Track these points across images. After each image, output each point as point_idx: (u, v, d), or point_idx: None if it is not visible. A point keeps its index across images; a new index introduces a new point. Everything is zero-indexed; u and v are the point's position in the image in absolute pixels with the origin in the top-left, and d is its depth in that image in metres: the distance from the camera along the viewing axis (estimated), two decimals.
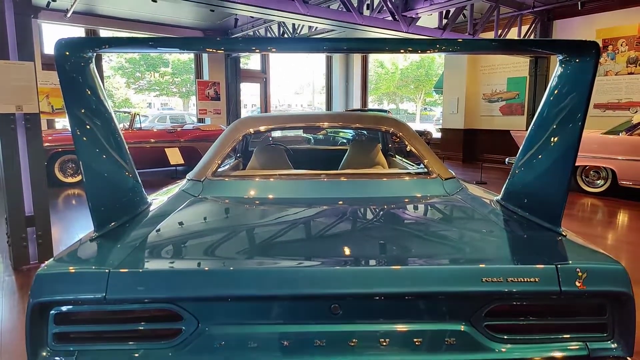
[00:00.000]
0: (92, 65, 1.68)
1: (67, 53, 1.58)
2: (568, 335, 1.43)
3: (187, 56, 23.92)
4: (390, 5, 8.16)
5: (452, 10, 8.88)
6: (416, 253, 1.69)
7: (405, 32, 8.45)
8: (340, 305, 1.38)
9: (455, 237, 1.89)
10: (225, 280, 1.41)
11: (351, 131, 9.61)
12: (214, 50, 1.76)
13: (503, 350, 1.40)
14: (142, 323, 1.40)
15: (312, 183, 2.33)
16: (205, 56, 13.56)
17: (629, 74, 9.34)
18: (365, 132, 5.11)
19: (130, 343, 1.39)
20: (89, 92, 1.68)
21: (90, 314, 1.40)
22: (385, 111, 15.11)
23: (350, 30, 8.47)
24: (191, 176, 2.39)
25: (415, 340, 1.39)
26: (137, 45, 1.82)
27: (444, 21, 9.19)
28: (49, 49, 10.82)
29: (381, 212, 2.17)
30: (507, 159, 7.17)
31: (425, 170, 2.44)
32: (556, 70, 1.73)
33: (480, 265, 1.47)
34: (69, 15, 9.72)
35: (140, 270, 1.45)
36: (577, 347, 1.41)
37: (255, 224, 2.04)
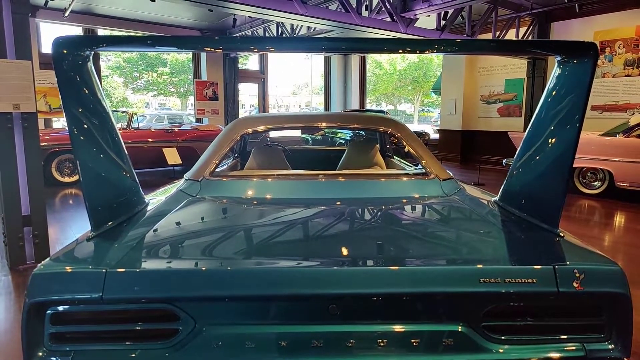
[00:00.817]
0: (90, 64, 1.67)
1: (65, 51, 1.57)
2: (565, 336, 1.43)
3: (185, 56, 23.92)
4: (388, 6, 8.17)
5: (450, 11, 8.90)
6: (414, 253, 1.68)
7: (404, 33, 8.46)
8: (337, 306, 1.37)
9: (453, 237, 1.89)
10: (223, 280, 1.40)
11: (349, 132, 9.64)
12: (213, 50, 1.75)
13: (500, 350, 1.40)
14: (139, 323, 1.39)
15: (310, 183, 2.33)
16: (203, 56, 13.55)
17: (626, 76, 9.37)
18: (363, 133, 5.11)
19: (127, 343, 1.38)
20: (87, 91, 1.67)
21: (86, 314, 1.39)
22: (383, 112, 15.15)
23: (349, 31, 8.48)
24: (189, 176, 2.38)
25: (412, 340, 1.39)
26: (135, 44, 1.81)
27: (442, 22, 9.20)
28: (47, 48, 10.79)
29: (379, 213, 2.17)
30: (504, 160, 7.18)
31: (423, 171, 2.43)
32: (554, 72, 1.73)
33: (478, 266, 1.47)
34: (67, 14, 9.70)
35: (137, 270, 1.44)
36: (575, 347, 1.42)
37: (252, 224, 2.03)
